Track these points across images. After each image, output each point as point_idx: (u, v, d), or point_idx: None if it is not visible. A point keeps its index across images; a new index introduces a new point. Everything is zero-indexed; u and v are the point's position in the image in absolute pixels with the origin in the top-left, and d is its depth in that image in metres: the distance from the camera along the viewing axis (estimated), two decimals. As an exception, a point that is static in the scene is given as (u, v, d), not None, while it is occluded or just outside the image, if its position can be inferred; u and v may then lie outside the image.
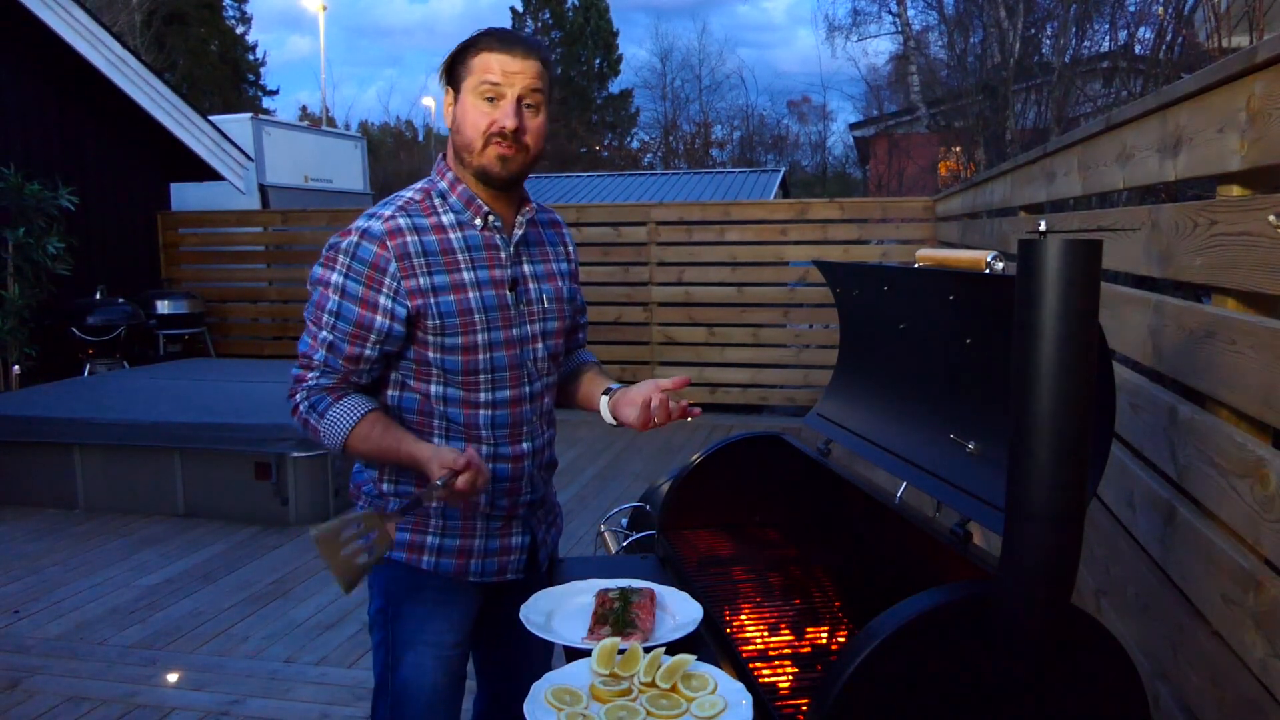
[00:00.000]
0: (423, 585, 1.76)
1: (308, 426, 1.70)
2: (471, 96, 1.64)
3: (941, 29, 13.92)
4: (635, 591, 1.67)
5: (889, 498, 1.70)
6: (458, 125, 1.68)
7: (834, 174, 29.25)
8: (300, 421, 1.72)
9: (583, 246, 7.83)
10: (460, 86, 1.66)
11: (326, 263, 1.66)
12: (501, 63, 1.63)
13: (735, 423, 7.45)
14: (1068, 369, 1.04)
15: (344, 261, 1.63)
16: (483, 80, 1.62)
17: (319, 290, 1.66)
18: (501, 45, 1.64)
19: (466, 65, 1.65)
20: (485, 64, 1.63)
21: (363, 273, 1.63)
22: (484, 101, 1.63)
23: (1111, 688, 1.22)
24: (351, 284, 1.63)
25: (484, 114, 1.64)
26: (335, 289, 1.64)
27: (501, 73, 1.62)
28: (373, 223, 1.64)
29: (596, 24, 33.20)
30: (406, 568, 1.75)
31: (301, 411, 1.70)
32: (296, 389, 1.70)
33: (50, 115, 7.94)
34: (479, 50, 1.64)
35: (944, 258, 1.58)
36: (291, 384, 1.71)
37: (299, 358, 1.71)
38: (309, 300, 1.70)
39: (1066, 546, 1.09)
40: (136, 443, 5.12)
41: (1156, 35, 6.84)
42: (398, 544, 1.74)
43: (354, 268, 1.63)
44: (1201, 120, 1.70)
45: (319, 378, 1.68)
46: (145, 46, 22.28)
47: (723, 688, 1.37)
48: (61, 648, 3.54)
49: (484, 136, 1.64)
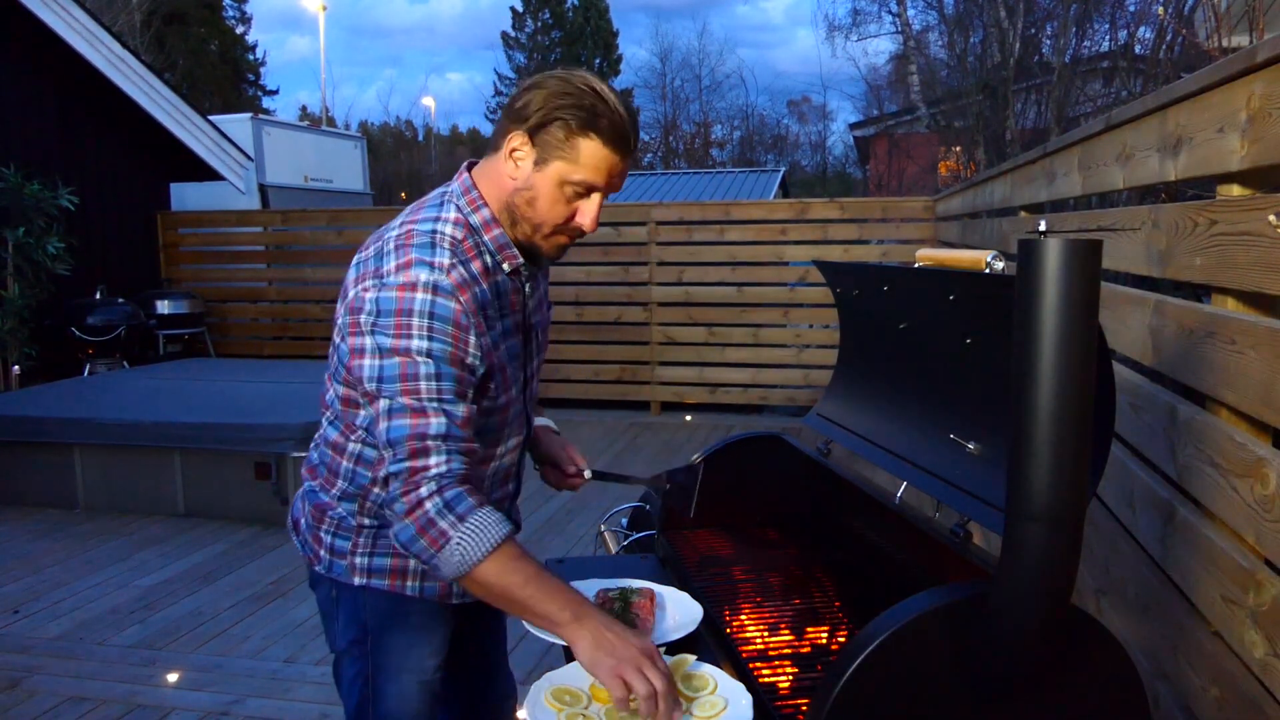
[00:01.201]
0: (406, 612, 1.61)
1: (427, 532, 1.33)
2: (560, 182, 1.42)
3: (941, 29, 13.91)
4: (635, 591, 1.67)
5: (889, 498, 1.71)
6: (533, 198, 1.44)
7: (834, 174, 29.27)
8: (418, 525, 1.33)
9: (583, 246, 7.84)
10: (551, 155, 1.42)
11: (400, 331, 1.36)
12: (610, 166, 1.42)
13: (735, 423, 7.45)
14: (1068, 369, 1.04)
15: (422, 324, 1.36)
16: (583, 179, 1.42)
17: (396, 361, 1.36)
18: (620, 145, 1.42)
19: (570, 144, 1.40)
20: (594, 160, 1.41)
21: (447, 333, 1.36)
22: (572, 192, 1.43)
23: (1111, 688, 1.22)
24: (439, 346, 1.36)
25: (567, 206, 1.45)
26: (422, 354, 1.35)
27: (606, 176, 1.43)
28: (437, 275, 1.38)
29: (596, 24, 33.21)
30: (387, 595, 1.59)
31: (429, 511, 1.33)
32: (416, 481, 1.34)
33: (50, 115, 7.94)
34: (592, 136, 1.40)
35: (944, 258, 1.58)
36: (399, 478, 1.35)
37: (398, 445, 1.35)
38: (381, 373, 1.37)
39: (1066, 547, 1.09)
40: (136, 443, 5.11)
41: (1156, 35, 6.84)
42: (378, 570, 1.58)
43: (436, 328, 1.36)
44: (1201, 120, 1.70)
45: (446, 462, 1.35)
46: (145, 46, 22.28)
47: (723, 688, 1.37)
48: (61, 648, 3.54)
49: (556, 227, 1.47)
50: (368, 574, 1.59)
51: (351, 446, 1.55)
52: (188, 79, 25.82)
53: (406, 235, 1.44)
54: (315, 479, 1.64)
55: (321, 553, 1.62)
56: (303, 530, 1.66)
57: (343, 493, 1.58)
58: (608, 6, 33.46)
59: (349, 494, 1.58)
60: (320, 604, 1.69)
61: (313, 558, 1.64)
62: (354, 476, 1.57)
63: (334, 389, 1.57)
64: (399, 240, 1.44)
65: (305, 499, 1.66)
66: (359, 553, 1.59)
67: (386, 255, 1.43)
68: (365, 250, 1.49)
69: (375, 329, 1.38)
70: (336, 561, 1.60)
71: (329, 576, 1.61)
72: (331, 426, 1.59)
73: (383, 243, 1.46)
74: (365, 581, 1.59)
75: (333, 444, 1.59)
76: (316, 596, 1.69)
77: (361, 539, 1.59)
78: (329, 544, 1.61)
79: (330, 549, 1.61)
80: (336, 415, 1.57)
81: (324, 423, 1.63)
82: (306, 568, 1.69)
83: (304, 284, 8.90)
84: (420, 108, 62.72)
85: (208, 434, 5.00)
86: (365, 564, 1.59)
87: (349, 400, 1.52)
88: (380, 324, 1.37)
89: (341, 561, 1.60)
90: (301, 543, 1.67)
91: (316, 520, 1.62)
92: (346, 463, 1.57)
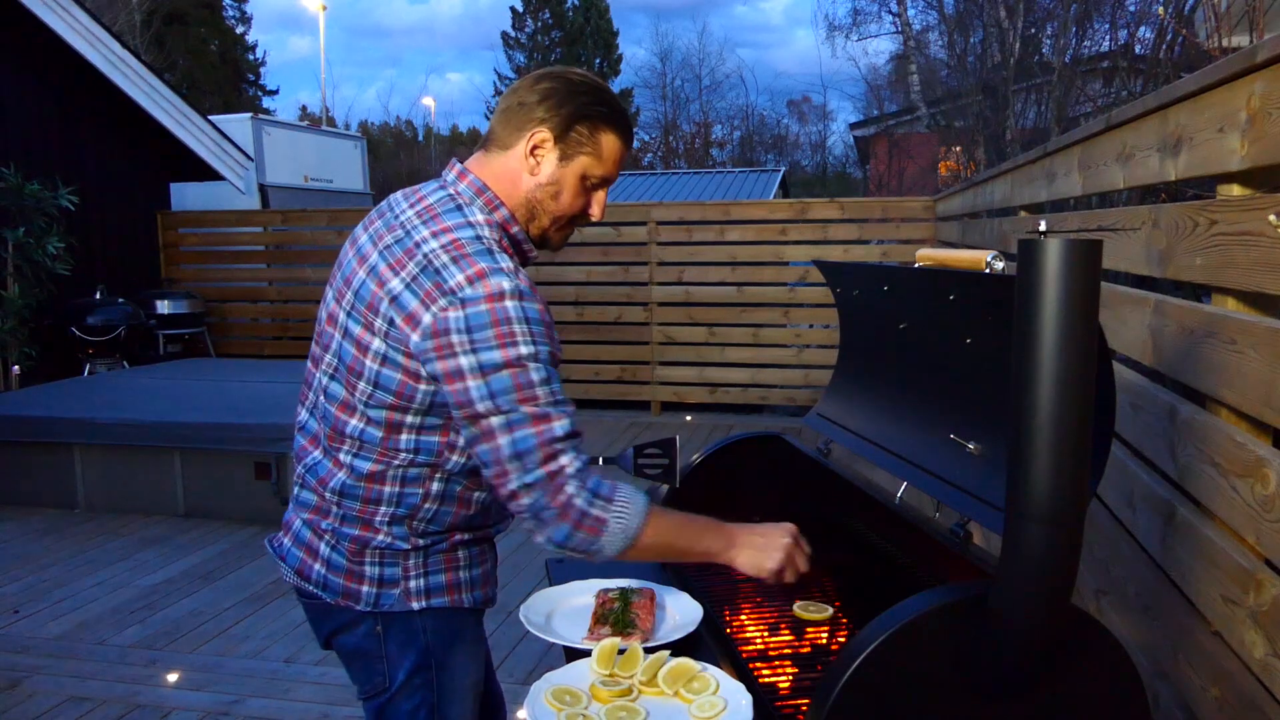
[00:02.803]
0: (462, 626, 1.57)
1: (584, 524, 1.35)
2: (581, 176, 1.50)
3: (941, 29, 13.92)
4: (635, 591, 1.67)
5: (889, 498, 1.70)
6: (558, 192, 1.50)
7: (834, 174, 29.26)
8: (574, 522, 1.35)
9: (583, 246, 7.86)
10: (576, 150, 1.48)
11: (503, 340, 1.34)
12: (622, 157, 1.53)
13: (735, 423, 7.45)
14: (1068, 369, 1.04)
15: (523, 331, 1.35)
16: (604, 173, 1.51)
17: (506, 374, 1.34)
18: (629, 138, 1.54)
19: (596, 140, 1.49)
20: (614, 154, 1.51)
21: (542, 334, 1.37)
22: (590, 184, 1.52)
23: (1111, 688, 1.22)
24: (542, 349, 1.37)
25: (585, 198, 1.53)
26: (532, 358, 1.35)
27: (618, 169, 1.53)
28: (507, 280, 1.36)
29: (596, 24, 33.19)
30: (447, 613, 1.53)
31: (581, 506, 1.34)
32: (559, 484, 1.34)
33: (50, 115, 7.94)
34: (613, 132, 1.50)
35: (944, 258, 1.58)
36: (539, 487, 1.34)
37: (527, 455, 1.34)
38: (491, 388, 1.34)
39: (1066, 546, 1.09)
40: (136, 443, 5.11)
41: (1156, 35, 6.84)
42: (436, 589, 1.52)
43: (535, 332, 1.36)
44: (1201, 120, 1.70)
45: (576, 456, 1.37)
46: (145, 46, 22.29)
47: (723, 688, 1.38)
48: (61, 648, 3.54)
49: (570, 218, 1.54)
50: (426, 595, 1.51)
51: (394, 471, 1.46)
52: (188, 79, 25.82)
53: (455, 244, 1.39)
54: (328, 516, 1.52)
55: (364, 589, 1.49)
56: (320, 576, 1.52)
57: (390, 517, 1.48)
58: (608, 6, 33.43)
59: (398, 518, 1.48)
60: (356, 647, 1.55)
61: (346, 599, 1.50)
62: (400, 499, 1.47)
63: (359, 417, 1.46)
64: (452, 252, 1.39)
65: (324, 539, 1.52)
66: (413, 575, 1.50)
67: (445, 269, 1.37)
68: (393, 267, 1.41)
69: (476, 346, 1.33)
70: (385, 592, 1.49)
71: (374, 612, 1.50)
72: (360, 458, 1.47)
73: (428, 257, 1.39)
74: (424, 604, 1.50)
75: (368, 475, 1.47)
76: (344, 644, 1.56)
77: (412, 561, 1.51)
78: (375, 576, 1.50)
79: (378, 580, 1.49)
80: (365, 445, 1.47)
81: (344, 457, 1.49)
82: (322, 619, 1.57)
83: (304, 284, 8.90)
84: (420, 108, 62.69)
85: (208, 434, 5.00)
86: (421, 585, 1.51)
87: (393, 425, 1.43)
88: (478, 340, 1.33)
89: (393, 590, 1.50)
90: (320, 588, 1.52)
91: (355, 556, 1.50)
92: (390, 487, 1.47)
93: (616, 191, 14.41)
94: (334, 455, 1.50)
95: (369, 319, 1.42)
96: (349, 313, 1.46)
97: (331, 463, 1.51)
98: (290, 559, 1.57)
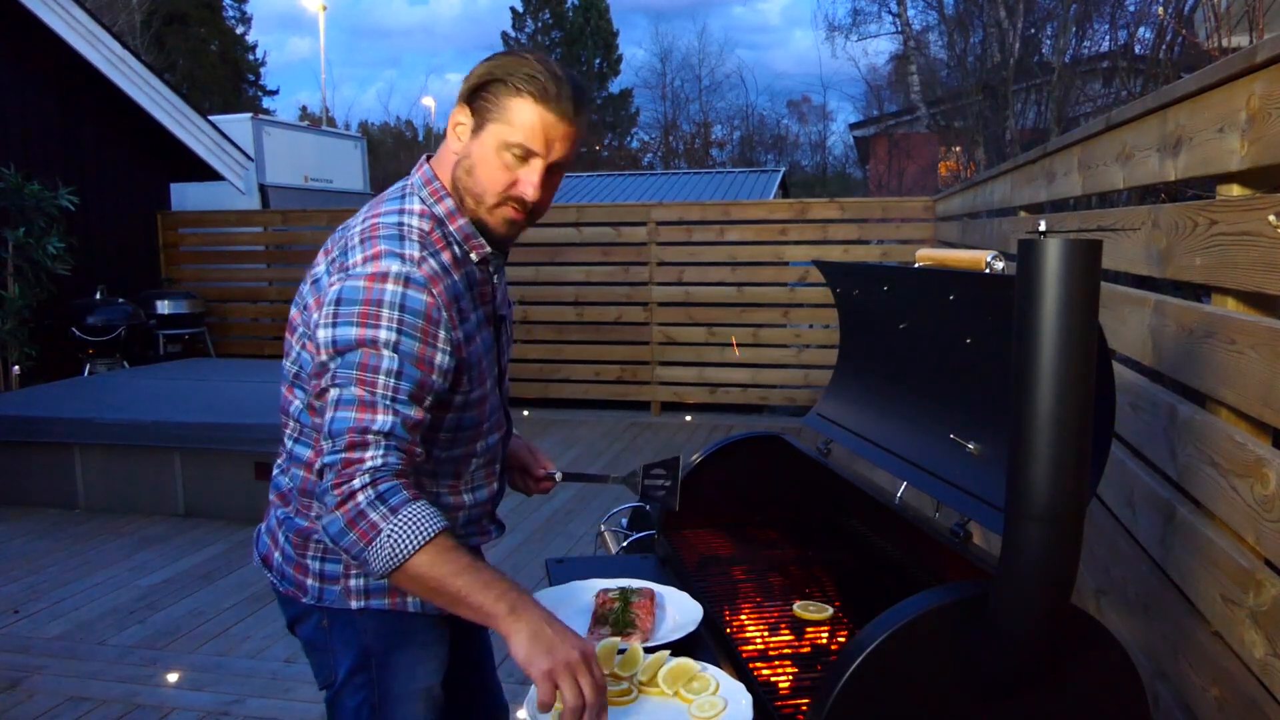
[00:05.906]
0: (409, 629, 1.53)
1: (358, 524, 1.26)
2: (497, 147, 1.40)
3: (941, 29, 13.92)
4: (635, 591, 1.67)
5: (889, 498, 1.71)
6: (471, 166, 1.42)
7: (834, 174, 29.28)
8: (348, 517, 1.26)
9: (583, 246, 7.87)
10: (486, 119, 1.40)
11: (365, 319, 1.32)
12: (546, 125, 1.38)
13: (735, 423, 7.45)
14: (1068, 369, 1.04)
15: (391, 315, 1.32)
16: (518, 141, 1.39)
17: (361, 352, 1.31)
18: (552, 103, 1.38)
19: (502, 104, 1.38)
20: (527, 120, 1.38)
21: (417, 326, 1.33)
22: (510, 157, 1.40)
23: (1111, 688, 1.22)
24: (406, 340, 1.32)
25: (507, 172, 1.41)
26: (388, 346, 1.31)
27: (543, 139, 1.39)
28: (409, 268, 1.35)
29: (596, 24, 33.21)
30: (388, 614, 1.50)
31: (360, 503, 1.26)
32: (350, 473, 1.27)
33: (50, 115, 7.94)
34: (524, 96, 1.37)
35: (944, 258, 1.58)
36: (333, 469, 1.28)
37: (338, 437, 1.29)
38: (339, 364, 1.33)
39: (1066, 546, 1.09)
40: (136, 443, 5.11)
41: (1156, 35, 6.84)
42: (376, 590, 1.49)
43: (406, 321, 1.32)
44: (1201, 120, 1.70)
45: (384, 455, 1.29)
46: (145, 46, 22.29)
47: (723, 688, 1.38)
48: (61, 648, 3.54)
49: (499, 196, 1.42)
50: (365, 595, 1.49)
51: None
52: (188, 79, 25.84)
53: (372, 228, 1.41)
54: (287, 505, 1.53)
55: (309, 582, 1.50)
56: (278, 564, 1.54)
57: None
58: (608, 6, 33.45)
59: None
60: (307, 639, 1.56)
61: (296, 590, 1.51)
62: None
63: (296, 399, 1.48)
64: (364, 234, 1.40)
65: (281, 529, 1.54)
66: (353, 574, 1.48)
67: (352, 249, 1.39)
68: (327, 253, 1.46)
69: (338, 319, 1.33)
70: (328, 588, 1.49)
71: (319, 606, 1.50)
72: (300, 444, 1.50)
73: (346, 239, 1.42)
74: (364, 604, 1.49)
75: (306, 463, 1.48)
76: (300, 634, 1.57)
77: None
78: (317, 570, 1.50)
79: (320, 575, 1.50)
80: (303, 429, 1.48)
81: (287, 441, 1.52)
82: (283, 607, 1.58)
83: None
84: (420, 108, 62.59)
85: (208, 434, 5.00)
86: (361, 585, 1.49)
87: (315, 409, 1.43)
88: (343, 313, 1.33)
89: (334, 587, 1.49)
90: (279, 577, 1.54)
91: (299, 548, 1.50)
92: None
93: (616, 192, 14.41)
94: (284, 439, 1.54)
95: (300, 299, 1.48)
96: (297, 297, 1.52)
97: (285, 449, 1.54)
98: (260, 545, 1.61)
